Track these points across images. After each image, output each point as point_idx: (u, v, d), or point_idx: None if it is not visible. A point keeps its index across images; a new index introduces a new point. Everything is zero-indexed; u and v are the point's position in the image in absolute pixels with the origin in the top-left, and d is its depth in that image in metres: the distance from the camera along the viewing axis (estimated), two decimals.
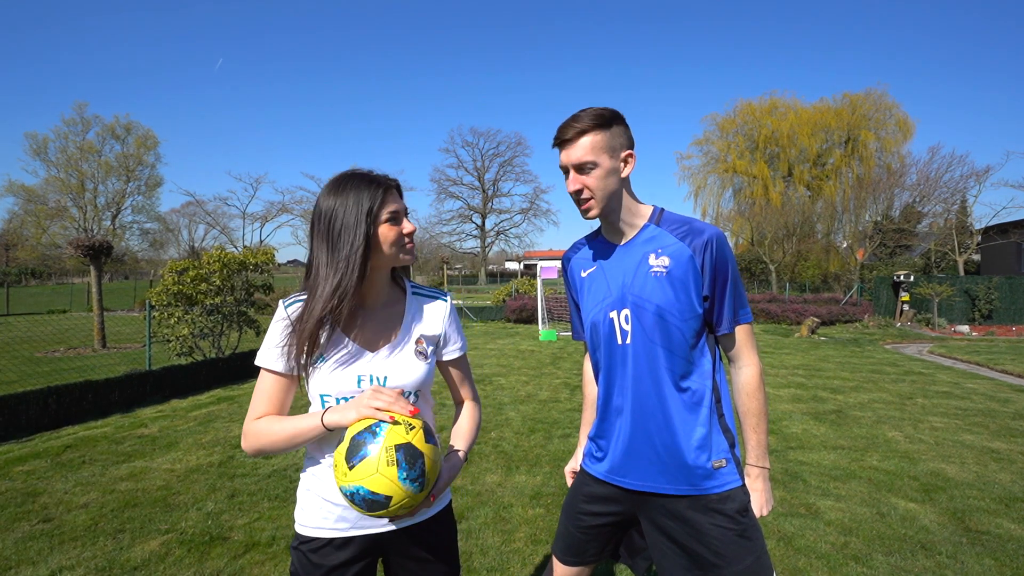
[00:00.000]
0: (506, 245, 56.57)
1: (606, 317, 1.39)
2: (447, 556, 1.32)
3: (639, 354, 1.34)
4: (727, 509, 1.30)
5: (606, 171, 1.31)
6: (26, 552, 2.84)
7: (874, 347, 11.70)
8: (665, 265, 1.32)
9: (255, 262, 8.42)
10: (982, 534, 3.05)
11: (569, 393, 6.77)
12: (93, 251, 10.59)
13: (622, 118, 1.35)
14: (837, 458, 4.33)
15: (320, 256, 1.19)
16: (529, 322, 16.46)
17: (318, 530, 1.22)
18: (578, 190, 1.33)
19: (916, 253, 27.71)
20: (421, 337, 1.29)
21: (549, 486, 3.73)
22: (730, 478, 1.33)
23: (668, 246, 1.33)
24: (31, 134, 33.11)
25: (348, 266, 1.16)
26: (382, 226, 1.19)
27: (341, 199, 1.18)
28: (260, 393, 1.22)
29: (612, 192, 1.34)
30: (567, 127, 1.31)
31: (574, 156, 1.31)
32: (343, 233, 1.16)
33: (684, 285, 1.30)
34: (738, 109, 33.07)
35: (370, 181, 1.20)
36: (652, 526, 1.39)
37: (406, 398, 1.19)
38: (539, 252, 59.04)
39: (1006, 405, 6.21)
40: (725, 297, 1.32)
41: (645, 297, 1.33)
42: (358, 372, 1.20)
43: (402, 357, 1.25)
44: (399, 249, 1.23)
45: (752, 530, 1.31)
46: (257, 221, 40.59)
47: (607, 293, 1.40)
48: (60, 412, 5.32)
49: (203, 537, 3.00)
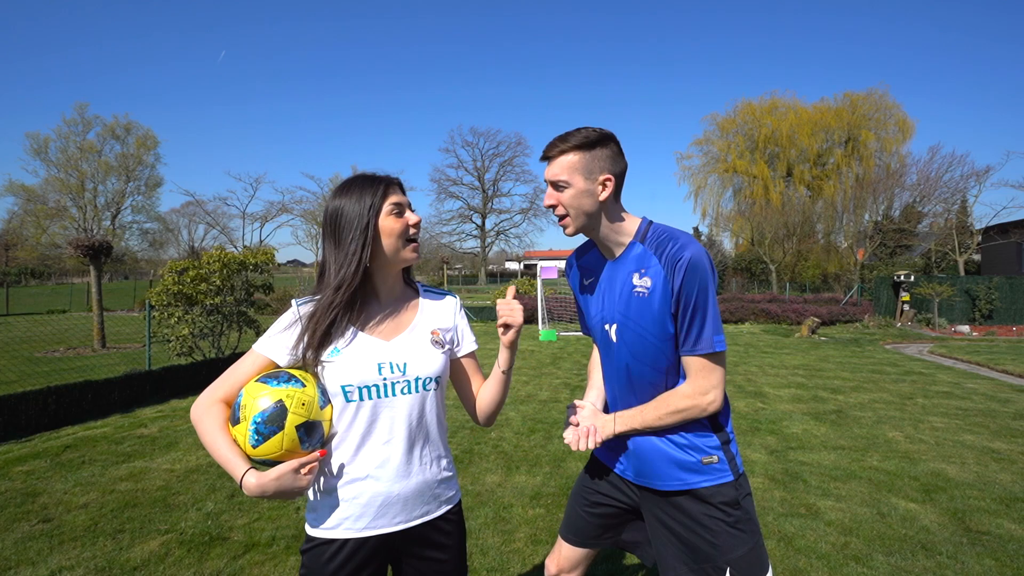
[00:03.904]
0: (506, 245, 56.55)
1: (601, 328, 1.48)
2: (456, 557, 1.33)
3: (628, 368, 1.42)
4: (717, 501, 1.36)
5: (579, 192, 1.34)
6: (26, 552, 2.84)
7: (874, 347, 11.70)
8: (647, 285, 1.35)
9: (255, 262, 8.41)
10: (982, 534, 3.05)
11: (569, 393, 6.76)
12: (93, 251, 10.59)
13: (610, 142, 1.36)
14: (837, 458, 4.33)
15: (329, 255, 1.25)
16: (529, 322, 16.42)
17: (330, 531, 1.22)
18: (552, 205, 1.39)
19: (916, 253, 27.71)
20: (436, 328, 1.34)
21: (549, 486, 3.73)
22: (720, 474, 1.38)
23: (650, 267, 1.36)
24: (32, 134, 33.04)
25: (353, 257, 1.22)
26: (386, 218, 1.24)
27: (346, 198, 1.24)
28: (238, 374, 1.23)
29: (587, 212, 1.37)
30: (552, 144, 1.36)
31: (550, 173, 1.36)
32: (347, 229, 1.23)
33: (661, 306, 1.33)
34: (738, 109, 33.06)
35: (372, 179, 1.27)
36: (653, 518, 1.46)
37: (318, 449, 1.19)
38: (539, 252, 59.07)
39: (1006, 405, 6.21)
40: (686, 321, 1.31)
41: (629, 316, 1.39)
42: (378, 360, 1.23)
43: (419, 345, 1.29)
44: (403, 241, 1.26)
45: (745, 523, 1.37)
46: (257, 221, 40.62)
47: (600, 307, 1.48)
48: (60, 412, 5.31)
49: (203, 537, 3.00)
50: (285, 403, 1.12)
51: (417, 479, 1.26)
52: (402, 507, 1.25)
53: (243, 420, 1.12)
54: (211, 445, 1.14)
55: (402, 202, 1.27)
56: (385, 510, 1.23)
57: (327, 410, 1.21)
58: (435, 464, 1.30)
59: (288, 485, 1.10)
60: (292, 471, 1.11)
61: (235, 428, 1.14)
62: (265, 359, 1.24)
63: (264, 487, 1.09)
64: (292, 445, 1.13)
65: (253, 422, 1.11)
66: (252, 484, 1.09)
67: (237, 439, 1.13)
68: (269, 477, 1.09)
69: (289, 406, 1.12)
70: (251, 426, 1.11)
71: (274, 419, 1.11)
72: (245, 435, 1.11)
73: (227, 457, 1.12)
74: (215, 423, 1.15)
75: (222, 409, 1.18)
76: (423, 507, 1.28)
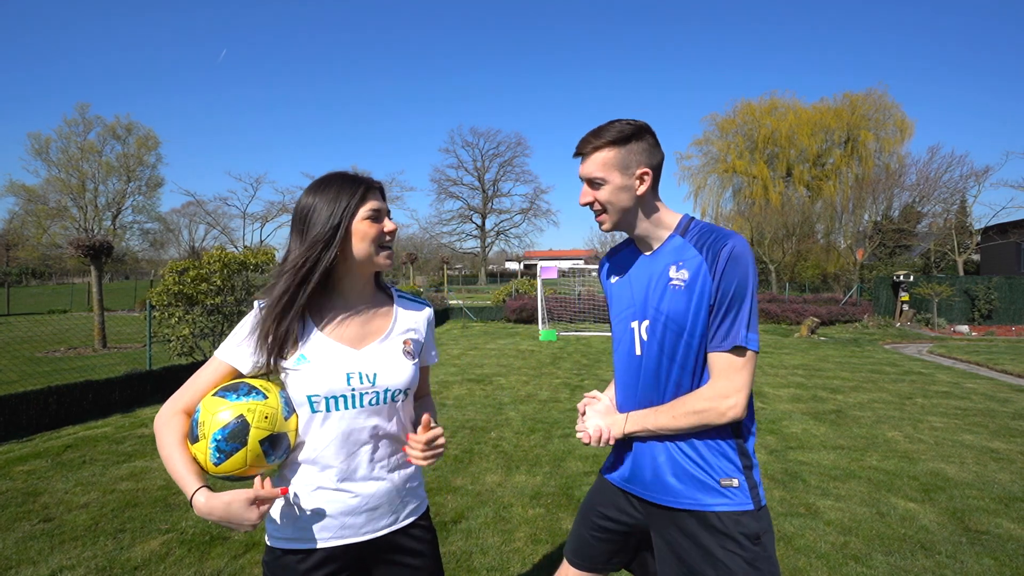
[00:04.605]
0: (506, 245, 56.61)
1: (627, 327, 1.39)
2: (431, 563, 1.31)
3: (650, 367, 1.33)
4: (736, 533, 1.24)
5: (616, 188, 1.30)
6: (26, 552, 2.85)
7: (874, 347, 11.71)
8: (684, 278, 1.28)
9: (255, 262, 8.43)
10: (982, 534, 3.05)
11: (569, 393, 6.77)
12: (94, 251, 10.60)
13: (646, 134, 1.31)
14: (837, 458, 4.33)
15: (293, 248, 1.19)
16: (529, 322, 16.46)
17: (294, 542, 1.18)
18: (589, 203, 1.34)
19: (916, 253, 27.70)
20: (408, 339, 1.29)
21: (549, 486, 3.73)
22: (741, 499, 1.27)
23: (690, 259, 1.29)
24: (34, 134, 33.14)
25: (314, 250, 1.16)
26: (361, 222, 1.19)
27: (320, 196, 1.18)
28: (199, 383, 1.17)
29: (625, 208, 1.32)
30: (585, 141, 1.31)
31: (586, 171, 1.32)
32: (316, 225, 1.17)
33: (700, 298, 1.26)
34: (738, 109, 33.12)
35: (352, 179, 1.21)
36: (662, 541, 1.35)
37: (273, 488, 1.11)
38: (539, 252, 59.08)
39: (1005, 405, 6.22)
40: (720, 312, 1.24)
41: (662, 310, 1.30)
42: (346, 369, 1.18)
43: (390, 355, 1.24)
44: (376, 247, 1.21)
45: (763, 560, 1.24)
46: (257, 221, 40.73)
47: (631, 302, 1.39)
48: (61, 412, 5.32)
49: (203, 537, 3.00)
50: (247, 418, 1.07)
51: (383, 489, 1.23)
52: (367, 518, 1.21)
53: (203, 438, 1.07)
54: (167, 460, 1.09)
55: (380, 208, 1.22)
56: (351, 520, 1.20)
57: (291, 420, 1.16)
58: (400, 474, 1.28)
59: (237, 514, 1.03)
60: (245, 501, 1.03)
61: (194, 446, 1.08)
62: (227, 367, 1.17)
63: (212, 509, 1.03)
64: (256, 460, 1.09)
65: (213, 439, 1.06)
66: (200, 504, 1.03)
67: (197, 457, 1.08)
68: (220, 500, 1.03)
69: (251, 420, 1.07)
70: (211, 444, 1.06)
71: (236, 436, 1.06)
72: (206, 453, 1.07)
73: (180, 474, 1.07)
74: (173, 437, 1.10)
75: (182, 421, 1.13)
76: (390, 516, 1.25)
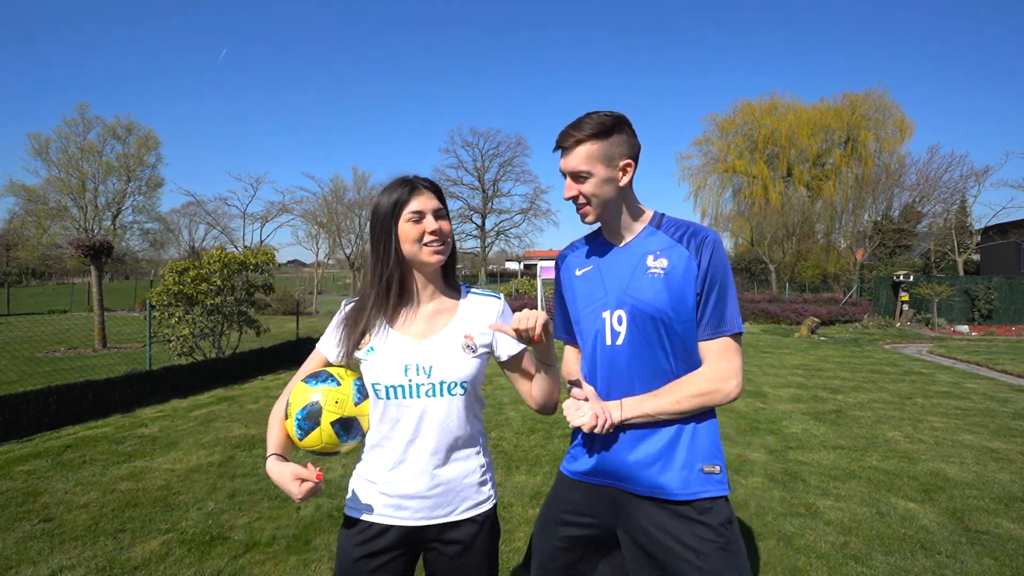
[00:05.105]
0: (506, 245, 56.51)
1: (598, 317, 1.37)
2: (481, 559, 1.32)
3: (633, 356, 1.32)
4: (710, 520, 1.24)
5: (601, 180, 1.30)
6: (27, 552, 2.85)
7: (874, 347, 11.71)
8: (663, 267, 1.30)
9: (255, 262, 8.43)
10: (981, 534, 3.05)
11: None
12: (94, 251, 10.59)
13: (624, 125, 1.32)
14: (837, 458, 4.33)
15: (371, 252, 1.35)
16: None
17: (358, 512, 1.31)
18: (573, 196, 1.34)
19: (916, 253, 27.71)
20: (470, 333, 1.33)
21: (549, 486, 3.73)
22: (718, 486, 1.28)
23: (667, 248, 1.32)
24: (34, 134, 33.01)
25: (383, 257, 1.30)
26: (404, 224, 1.28)
27: (381, 198, 1.31)
28: (303, 368, 1.39)
29: (608, 200, 1.33)
30: (566, 135, 1.31)
31: (570, 165, 1.31)
32: (376, 228, 1.31)
33: (681, 286, 1.28)
34: (738, 109, 33.11)
35: (401, 181, 1.31)
36: (629, 539, 1.32)
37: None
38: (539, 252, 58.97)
39: (1005, 405, 6.22)
40: (711, 300, 1.28)
41: (641, 299, 1.31)
42: (404, 361, 1.27)
43: (447, 349, 1.29)
44: (419, 246, 1.28)
45: (735, 545, 1.25)
46: (257, 221, 40.56)
47: (602, 293, 1.38)
48: (60, 412, 5.32)
49: (203, 537, 3.01)
50: (320, 402, 1.24)
51: (438, 480, 1.28)
52: (420, 505, 1.27)
53: (289, 416, 1.27)
54: (267, 430, 1.33)
55: (423, 208, 1.27)
56: (406, 504, 1.27)
57: (363, 405, 1.29)
58: (460, 468, 1.30)
59: (285, 485, 1.20)
60: (292, 476, 1.19)
61: (286, 422, 1.28)
62: (321, 355, 1.38)
63: (272, 474, 1.24)
64: (330, 439, 1.25)
65: (296, 418, 1.25)
66: (269, 465, 1.26)
67: (288, 432, 1.28)
68: (277, 468, 1.23)
69: (324, 404, 1.24)
70: (295, 422, 1.25)
71: (311, 416, 1.24)
72: (292, 429, 1.26)
73: (269, 441, 1.30)
74: (276, 415, 1.32)
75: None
76: (446, 507, 1.29)
